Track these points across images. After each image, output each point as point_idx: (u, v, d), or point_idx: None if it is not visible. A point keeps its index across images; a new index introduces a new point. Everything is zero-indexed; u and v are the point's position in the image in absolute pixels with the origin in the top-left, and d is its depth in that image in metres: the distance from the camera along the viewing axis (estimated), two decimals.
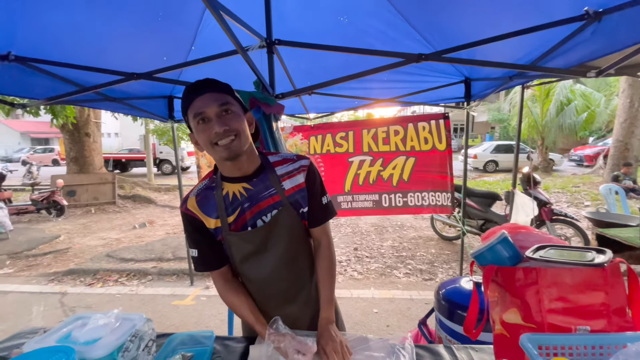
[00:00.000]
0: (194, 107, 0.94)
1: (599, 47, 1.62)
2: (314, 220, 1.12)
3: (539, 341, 0.63)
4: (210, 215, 1.04)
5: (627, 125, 7.67)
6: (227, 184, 1.05)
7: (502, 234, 0.95)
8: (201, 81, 0.97)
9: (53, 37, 1.92)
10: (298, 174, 1.08)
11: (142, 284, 4.02)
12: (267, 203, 1.05)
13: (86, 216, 7.55)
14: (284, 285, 1.12)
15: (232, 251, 1.08)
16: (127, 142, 25.20)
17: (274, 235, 1.06)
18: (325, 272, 1.14)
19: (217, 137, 0.93)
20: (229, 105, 0.95)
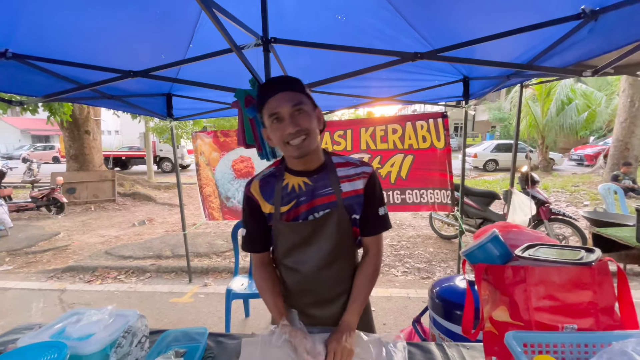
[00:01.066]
0: (269, 107, 0.99)
1: (596, 46, 1.62)
2: (368, 230, 1.13)
3: (524, 339, 0.63)
4: (268, 201, 1.10)
5: (627, 124, 7.65)
6: (289, 175, 1.10)
7: (493, 233, 0.96)
8: (276, 79, 1.02)
9: (51, 35, 1.92)
10: (358, 179, 1.09)
11: (141, 281, 4.04)
12: (322, 201, 1.07)
13: (86, 214, 7.57)
14: (323, 284, 1.13)
15: (279, 240, 1.12)
16: (127, 140, 25.19)
17: (321, 233, 1.07)
18: (365, 278, 1.13)
19: (290, 137, 0.98)
20: (301, 105, 0.98)
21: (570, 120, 11.95)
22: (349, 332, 1.03)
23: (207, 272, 4.16)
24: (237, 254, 2.96)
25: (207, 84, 1.95)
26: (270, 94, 0.99)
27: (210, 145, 3.53)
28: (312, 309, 1.15)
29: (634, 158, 7.56)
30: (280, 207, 1.08)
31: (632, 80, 7.33)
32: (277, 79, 1.02)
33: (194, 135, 3.61)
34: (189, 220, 6.66)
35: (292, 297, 1.16)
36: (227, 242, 5.05)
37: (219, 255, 4.62)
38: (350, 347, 1.00)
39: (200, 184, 3.66)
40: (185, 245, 3.85)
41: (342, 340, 1.00)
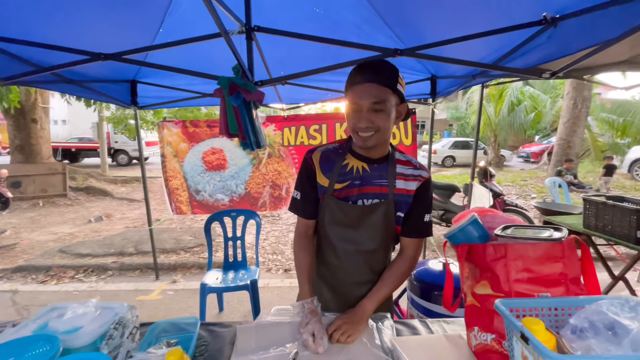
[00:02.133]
0: (353, 92, 1.00)
1: (554, 50, 1.79)
2: (410, 231, 1.16)
3: (510, 305, 0.71)
4: (324, 173, 1.13)
5: (570, 124, 8.44)
6: (351, 156, 1.14)
7: (473, 216, 1.05)
8: (370, 65, 1.00)
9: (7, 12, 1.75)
10: (413, 180, 1.12)
11: (102, 280, 3.82)
12: (375, 190, 1.11)
13: (34, 209, 6.96)
14: (355, 269, 1.17)
15: (325, 212, 1.14)
16: (76, 131, 23.32)
17: (367, 219, 1.10)
18: (396, 274, 1.16)
19: (360, 129, 1.01)
20: (382, 104, 0.98)
21: (519, 120, 12.93)
22: (362, 316, 1.07)
23: (175, 269, 4.03)
24: (210, 248, 2.90)
25: (191, 71, 1.89)
26: (359, 79, 0.98)
27: (178, 135, 3.41)
28: (343, 288, 1.19)
29: (575, 155, 8.39)
30: (335, 183, 1.11)
31: (576, 84, 8.09)
32: (371, 65, 1.00)
33: (160, 124, 3.45)
34: (152, 216, 6.36)
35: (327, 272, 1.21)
36: (195, 237, 4.90)
37: (186, 251, 4.49)
38: (356, 326, 1.02)
39: (166, 176, 3.51)
40: (151, 241, 3.69)
41: (352, 319, 1.04)
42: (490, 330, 0.90)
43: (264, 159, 3.40)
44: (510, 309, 0.71)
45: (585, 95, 8.29)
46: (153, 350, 0.99)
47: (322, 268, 1.22)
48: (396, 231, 1.17)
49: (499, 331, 0.88)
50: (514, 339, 0.67)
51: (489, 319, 0.90)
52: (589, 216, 2.47)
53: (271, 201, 3.47)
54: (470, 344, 0.98)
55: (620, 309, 0.62)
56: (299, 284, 1.17)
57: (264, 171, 3.43)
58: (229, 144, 3.39)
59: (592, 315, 0.62)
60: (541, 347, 0.56)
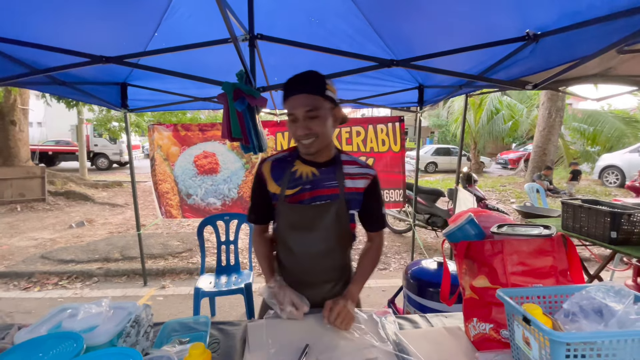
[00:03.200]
0: (287, 105, 1.08)
1: (535, 64, 1.93)
2: (372, 225, 1.28)
3: (510, 293, 0.79)
4: (276, 181, 1.19)
5: (545, 133, 8.87)
6: (300, 162, 1.20)
7: (470, 216, 1.13)
8: (297, 78, 1.07)
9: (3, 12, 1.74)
10: (361, 178, 1.21)
11: (87, 287, 3.73)
12: (326, 192, 1.17)
13: (11, 214, 6.68)
14: (314, 269, 1.23)
15: (281, 218, 1.20)
16: (52, 133, 22.49)
17: (320, 219, 1.16)
18: (370, 260, 1.28)
19: (300, 137, 1.08)
20: (316, 111, 1.06)
21: (497, 128, 13.42)
22: (352, 300, 1.16)
23: (164, 274, 3.97)
24: (203, 253, 2.90)
25: (192, 76, 1.92)
26: (290, 92, 1.07)
27: (169, 139, 3.39)
28: (303, 289, 1.23)
29: (551, 162, 8.80)
30: (286, 189, 1.16)
31: (550, 94, 8.52)
32: (299, 78, 1.08)
33: (151, 127, 3.43)
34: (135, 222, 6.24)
35: (286, 275, 1.25)
36: (183, 242, 4.85)
37: (174, 256, 4.43)
38: (350, 312, 1.10)
39: (155, 180, 3.48)
40: (140, 246, 3.63)
41: (346, 304, 1.10)
42: (488, 320, 0.98)
43: (257, 163, 3.43)
44: (510, 297, 0.79)
45: (559, 106, 8.74)
46: (167, 348, 1.02)
47: (285, 273, 1.26)
48: (351, 229, 1.24)
49: (497, 321, 0.96)
50: (515, 324, 0.74)
51: (487, 310, 0.98)
52: (567, 218, 2.63)
53: None
54: (469, 334, 1.06)
55: (607, 294, 0.70)
56: (263, 273, 1.27)
57: None
58: (221, 147, 3.41)
59: (582, 300, 0.71)
60: (543, 326, 0.63)
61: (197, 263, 4.19)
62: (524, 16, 1.74)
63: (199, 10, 2.20)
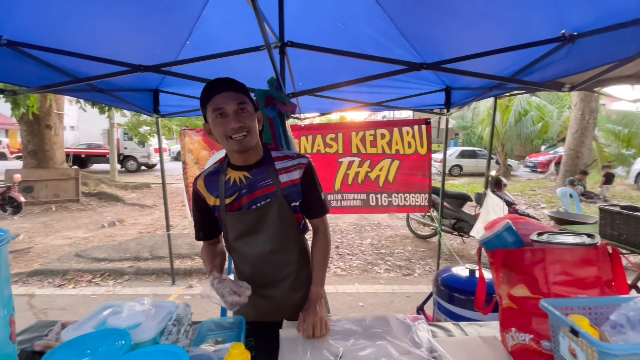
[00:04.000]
0: (214, 102, 1.06)
1: (571, 66, 1.86)
2: (312, 213, 1.27)
3: (554, 304, 0.77)
4: (212, 194, 1.19)
5: (578, 135, 8.48)
6: (231, 170, 1.19)
7: (507, 223, 1.11)
8: (222, 80, 1.09)
9: (48, 23, 1.85)
10: (295, 170, 1.20)
11: (119, 284, 3.88)
12: (263, 192, 1.17)
13: (46, 214, 7.07)
14: (270, 267, 1.24)
15: (227, 228, 1.21)
16: (84, 137, 23.65)
17: (264, 220, 1.18)
18: (320, 254, 1.27)
19: (232, 131, 1.06)
20: (245, 105, 1.08)
21: (526, 130, 12.96)
22: (320, 301, 1.17)
23: (191, 274, 4.09)
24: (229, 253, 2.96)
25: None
26: (216, 91, 1.06)
27: (199, 143, 3.50)
28: (265, 290, 1.25)
29: (584, 166, 8.41)
30: (225, 199, 1.17)
31: (583, 95, 8.15)
32: (224, 80, 1.09)
33: (182, 132, 3.56)
34: (163, 222, 6.44)
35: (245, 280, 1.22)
36: None
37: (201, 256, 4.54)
38: (323, 314, 1.12)
39: (186, 182, 3.60)
40: (169, 246, 3.76)
41: (316, 312, 1.12)
42: (528, 331, 0.95)
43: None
44: (555, 307, 0.76)
45: (593, 107, 8.35)
46: (205, 347, 1.06)
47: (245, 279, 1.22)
48: (297, 220, 1.25)
49: (537, 331, 0.93)
50: (561, 335, 0.72)
51: (527, 320, 0.96)
52: (605, 225, 2.51)
53: None
54: (506, 344, 1.03)
55: None
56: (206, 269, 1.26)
57: None
58: None
59: (629, 311, 0.68)
60: (592, 338, 0.61)
61: None
62: (560, 17, 1.69)
63: (229, 19, 2.27)
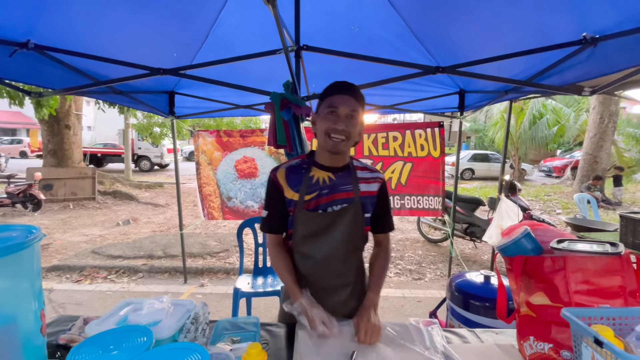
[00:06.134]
0: (333, 100, 1.13)
1: (593, 69, 1.82)
2: (381, 227, 1.30)
3: (577, 313, 0.76)
4: (292, 188, 1.20)
5: (596, 139, 8.27)
6: (316, 169, 1.22)
7: (526, 230, 1.09)
8: (347, 84, 1.16)
9: (72, 28, 1.91)
10: (374, 182, 1.25)
11: (133, 281, 3.96)
12: (342, 196, 1.20)
13: (64, 211, 7.26)
14: (332, 272, 1.24)
15: (298, 226, 1.21)
16: (100, 137, 24.21)
17: (337, 224, 1.19)
18: (381, 264, 1.30)
19: (334, 131, 1.11)
20: (356, 114, 1.14)
21: (541, 134, 12.69)
22: (374, 308, 1.17)
23: (202, 273, 4.14)
24: (242, 253, 2.98)
25: (242, 86, 2.02)
26: (338, 91, 1.13)
27: (212, 144, 3.55)
28: (321, 293, 1.24)
29: (602, 171, 8.18)
30: (305, 195, 1.18)
31: (602, 98, 7.94)
32: (349, 85, 1.15)
33: (196, 133, 3.61)
34: (175, 221, 6.54)
35: (303, 282, 1.25)
36: (220, 243, 5.02)
37: (212, 255, 4.60)
38: (377, 323, 1.11)
39: (200, 183, 3.65)
40: (181, 245, 3.81)
41: (370, 318, 1.11)
42: (547, 340, 0.93)
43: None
44: (577, 317, 0.75)
45: (612, 110, 8.12)
46: (221, 346, 1.07)
47: (302, 279, 1.26)
48: (365, 231, 1.27)
49: (557, 341, 0.91)
50: (584, 345, 0.71)
51: (547, 328, 0.94)
52: (626, 233, 2.44)
53: None
54: (524, 353, 1.01)
55: None
56: (287, 287, 1.24)
57: None
58: (260, 153, 3.52)
59: None
60: (618, 350, 0.60)
61: (234, 263, 4.33)
62: (581, 19, 1.66)
63: (245, 23, 2.30)
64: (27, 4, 1.67)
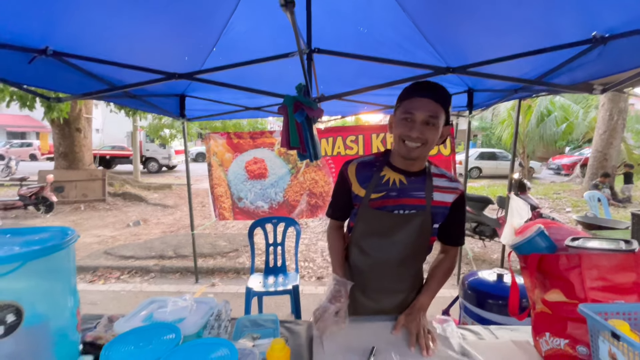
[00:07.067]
0: (409, 104, 1.07)
1: (604, 67, 1.82)
2: (451, 239, 1.26)
3: (593, 309, 0.78)
4: (360, 184, 1.19)
5: (606, 136, 8.19)
6: (388, 169, 1.19)
7: (539, 228, 1.11)
8: (429, 85, 1.08)
9: (89, 34, 1.95)
10: (450, 193, 1.19)
11: (146, 281, 4.03)
12: (411, 201, 1.16)
13: (75, 213, 7.39)
14: (389, 276, 1.24)
15: (360, 222, 1.21)
16: (108, 139, 24.51)
17: (401, 229, 1.16)
18: (442, 271, 1.27)
19: (408, 138, 1.07)
20: (435, 119, 1.06)
21: (549, 131, 12.59)
22: (423, 312, 1.15)
23: (213, 272, 4.19)
24: (253, 253, 3.03)
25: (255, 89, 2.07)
26: (417, 94, 1.06)
27: (223, 146, 3.60)
28: (375, 294, 1.26)
29: (612, 168, 8.10)
30: (372, 193, 1.17)
31: (612, 95, 7.86)
32: (431, 86, 1.08)
33: (207, 135, 3.67)
34: (185, 222, 6.63)
35: (358, 277, 1.25)
36: (229, 243, 5.08)
37: (222, 255, 4.65)
38: (426, 324, 1.11)
39: (211, 184, 3.71)
40: (193, 245, 3.87)
41: (420, 321, 1.10)
42: (563, 336, 0.95)
43: (302, 168, 3.54)
44: (594, 312, 0.77)
45: (622, 107, 8.04)
46: (243, 342, 1.11)
47: (356, 275, 1.25)
48: (430, 242, 1.23)
49: (573, 336, 0.93)
50: (601, 339, 0.73)
51: (562, 324, 0.96)
52: (638, 230, 2.44)
53: (308, 209, 3.60)
54: (539, 349, 1.03)
55: None
56: (334, 268, 1.28)
57: (302, 180, 3.57)
58: (269, 154, 3.56)
59: None
60: (634, 342, 0.62)
61: (244, 263, 4.38)
62: (591, 19, 1.66)
63: (254, 27, 2.33)
64: (46, 12, 1.71)
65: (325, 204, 3.55)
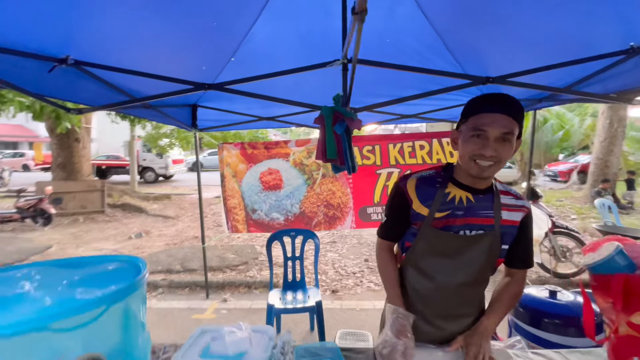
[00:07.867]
0: (479, 120, 0.98)
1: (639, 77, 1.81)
2: (519, 262, 1.17)
3: None
4: (422, 201, 1.10)
5: (606, 144, 8.29)
6: (453, 185, 1.11)
7: (618, 247, 1.05)
8: (501, 97, 0.99)
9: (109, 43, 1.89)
10: (518, 211, 1.11)
11: (154, 297, 3.89)
12: (480, 221, 1.08)
13: (74, 225, 7.19)
14: (453, 300, 1.15)
15: (420, 242, 1.12)
16: (102, 149, 24.22)
17: (468, 250, 1.09)
18: (510, 295, 1.17)
19: (480, 157, 0.99)
20: (511, 136, 0.98)
21: (546, 139, 12.74)
22: (487, 337, 1.07)
23: (224, 287, 4.07)
24: (271, 268, 2.93)
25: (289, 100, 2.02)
26: (488, 108, 0.98)
27: (237, 156, 3.52)
28: (438, 320, 1.17)
29: (613, 175, 8.19)
30: (436, 212, 1.08)
31: None
32: (504, 98, 0.99)
33: (220, 146, 3.59)
34: (188, 233, 6.49)
35: (418, 303, 1.17)
36: (238, 255, 4.96)
37: (232, 269, 4.53)
38: (487, 350, 1.03)
39: (224, 195, 3.62)
40: (204, 259, 3.76)
41: (482, 347, 1.03)
42: None
43: (318, 179, 3.47)
44: None
45: (621, 115, 8.18)
46: None
47: (414, 297, 1.18)
48: (496, 264, 1.16)
49: None
50: None
51: None
52: None
53: (326, 220, 3.51)
54: None
55: None
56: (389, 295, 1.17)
57: (318, 191, 3.49)
58: (285, 164, 3.49)
59: None
60: None
61: (254, 277, 4.26)
62: (628, 29, 1.65)
63: (275, 36, 2.29)
64: (67, 20, 1.65)
65: (343, 215, 3.48)
